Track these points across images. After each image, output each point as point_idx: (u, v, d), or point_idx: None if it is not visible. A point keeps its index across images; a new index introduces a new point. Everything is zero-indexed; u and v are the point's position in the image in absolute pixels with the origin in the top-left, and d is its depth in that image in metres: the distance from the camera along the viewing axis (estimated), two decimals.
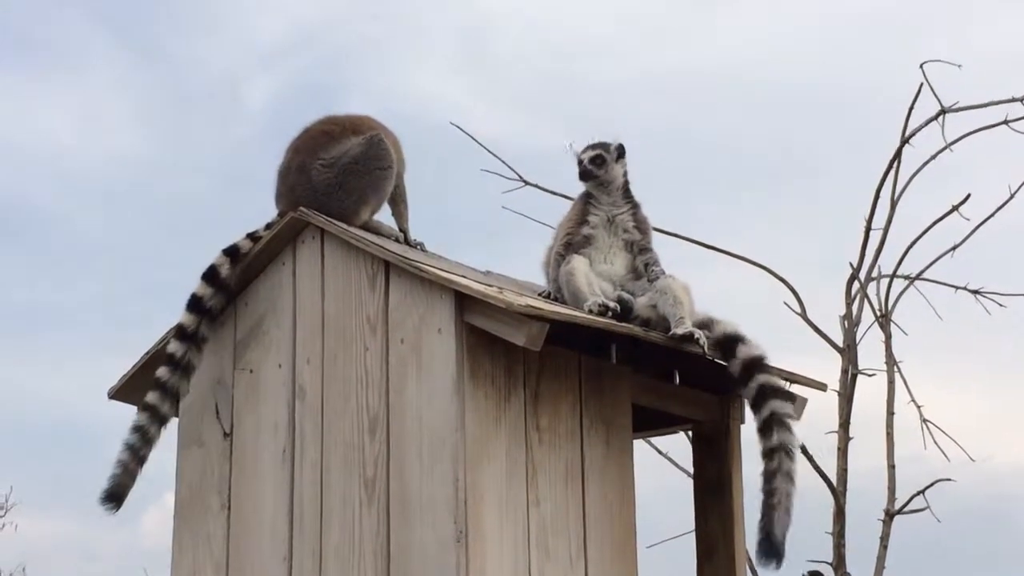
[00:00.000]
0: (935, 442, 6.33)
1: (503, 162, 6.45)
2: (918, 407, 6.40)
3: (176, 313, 4.07)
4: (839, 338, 6.48)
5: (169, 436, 4.20)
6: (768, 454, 3.87)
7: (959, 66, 6.18)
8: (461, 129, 6.32)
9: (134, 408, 4.26)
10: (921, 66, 6.23)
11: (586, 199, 4.33)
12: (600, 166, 4.28)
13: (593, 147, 4.32)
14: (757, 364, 3.94)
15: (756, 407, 3.93)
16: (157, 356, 4.15)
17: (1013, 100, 6.24)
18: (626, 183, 4.33)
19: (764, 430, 3.90)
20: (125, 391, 4.24)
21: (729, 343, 3.96)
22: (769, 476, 3.85)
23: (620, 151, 4.32)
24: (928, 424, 6.38)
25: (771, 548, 3.82)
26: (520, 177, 6.48)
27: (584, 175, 4.29)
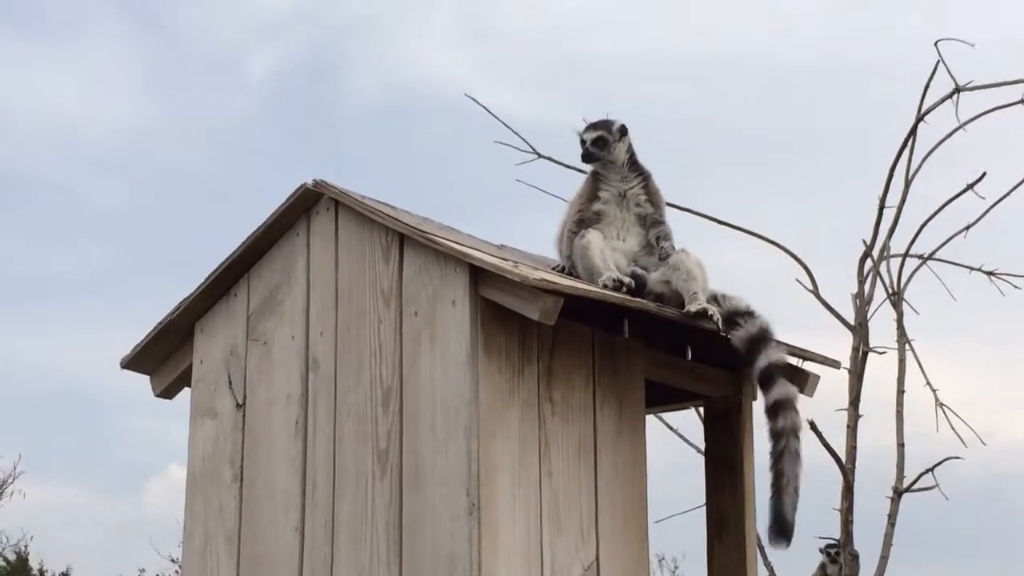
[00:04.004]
0: (950, 424, 6.33)
1: (516, 134, 6.43)
2: (934, 391, 6.40)
3: (184, 283, 4.07)
4: (851, 316, 6.47)
5: (181, 407, 4.22)
6: (775, 435, 3.90)
7: (973, 45, 6.15)
8: (475, 100, 6.29)
9: (146, 378, 4.28)
10: (936, 44, 6.19)
11: (596, 175, 4.32)
12: (603, 147, 4.27)
13: (595, 127, 4.29)
14: (763, 339, 3.94)
15: (764, 386, 3.95)
16: (170, 327, 4.16)
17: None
18: (632, 157, 4.30)
19: (771, 412, 3.93)
20: (138, 361, 4.25)
21: (736, 317, 3.97)
22: (777, 457, 3.88)
23: (622, 131, 4.29)
24: (943, 407, 6.37)
25: (782, 529, 3.85)
26: (533, 149, 6.46)
27: (587, 157, 4.28)
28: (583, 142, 4.28)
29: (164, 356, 4.25)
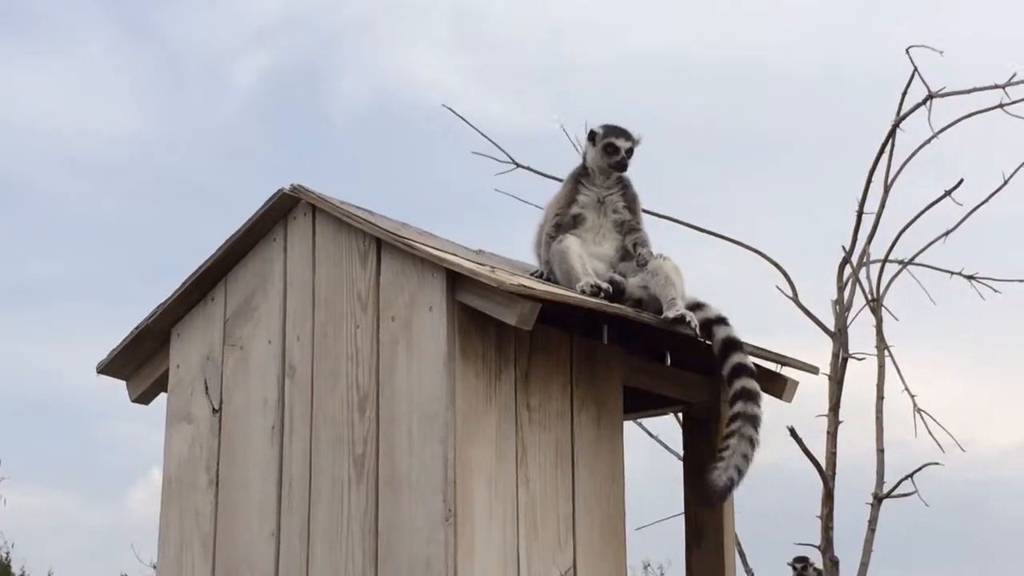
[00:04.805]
0: (928, 431, 6.34)
1: (495, 144, 6.43)
2: (912, 397, 6.40)
3: (163, 288, 4.06)
4: (830, 322, 6.48)
5: (158, 412, 4.20)
6: (730, 420, 3.94)
7: (941, 52, 6.16)
8: (453, 111, 6.29)
9: (123, 383, 4.26)
10: (907, 51, 6.21)
11: (576, 179, 4.31)
12: (630, 157, 4.28)
13: (627, 136, 4.27)
14: (732, 344, 3.97)
15: (730, 383, 4.01)
16: (146, 331, 4.14)
17: (996, 87, 6.23)
18: None
19: (732, 400, 3.98)
20: (114, 366, 4.23)
21: (710, 326, 3.99)
22: (727, 436, 3.92)
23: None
24: (922, 413, 6.38)
25: (709, 493, 3.89)
26: (512, 159, 6.46)
27: (622, 166, 4.25)
28: (617, 150, 4.25)
29: (140, 361, 4.24)
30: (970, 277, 6.42)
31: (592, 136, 4.32)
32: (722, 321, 4.04)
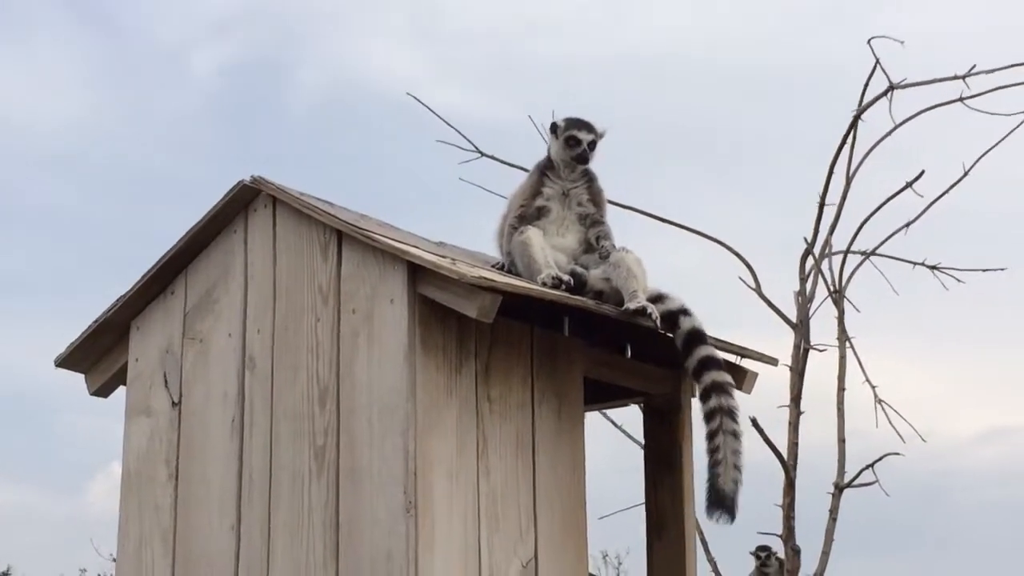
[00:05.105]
0: (889, 421, 6.36)
1: (460, 133, 6.39)
2: (873, 387, 6.42)
3: (122, 281, 4.03)
4: (793, 313, 6.49)
5: (117, 405, 4.17)
6: (708, 416, 3.96)
7: (903, 43, 6.17)
8: (417, 99, 6.24)
9: (81, 376, 4.23)
10: (869, 42, 6.22)
11: (542, 171, 4.31)
12: (593, 149, 4.28)
13: (589, 128, 4.29)
14: (698, 337, 3.98)
15: (697, 377, 4.01)
16: (105, 324, 4.11)
17: (956, 77, 6.24)
18: None
19: (705, 395, 3.98)
20: (73, 359, 4.20)
21: (673, 317, 4.00)
22: (711, 435, 3.93)
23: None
24: (882, 404, 6.40)
25: (720, 502, 3.88)
26: (476, 148, 6.42)
27: (583, 158, 4.26)
28: (579, 142, 4.25)
29: (99, 354, 4.21)
30: (933, 267, 6.43)
31: (554, 128, 4.32)
32: (685, 312, 4.04)
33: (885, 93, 6.27)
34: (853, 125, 6.35)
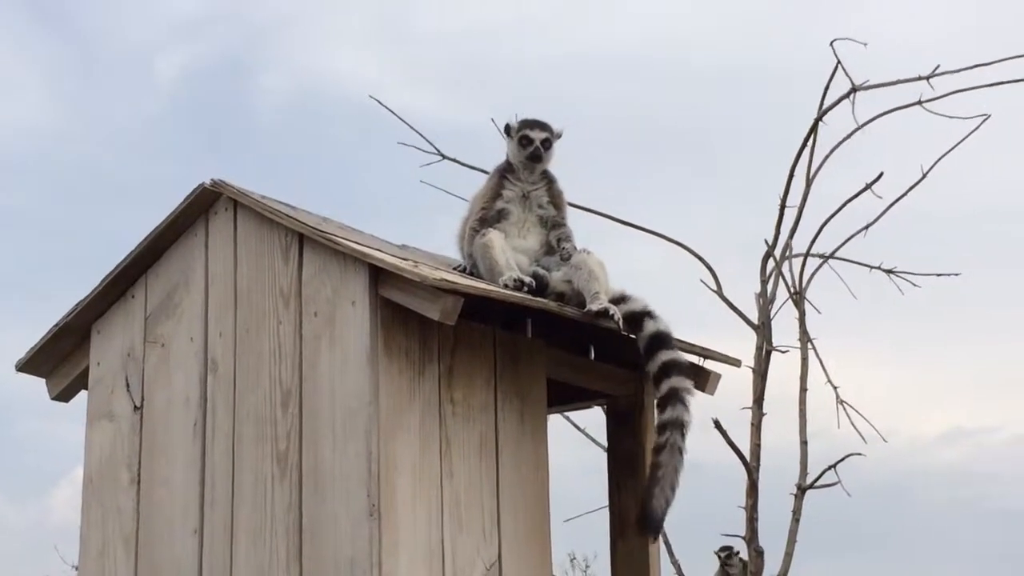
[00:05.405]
0: (851, 422, 6.39)
1: (421, 135, 6.39)
2: (835, 388, 6.44)
3: (83, 285, 4.01)
4: (755, 315, 6.52)
5: (79, 410, 4.15)
6: (661, 428, 3.93)
7: (865, 44, 6.20)
8: (379, 102, 6.23)
9: (42, 381, 4.20)
10: (831, 44, 6.25)
11: (502, 173, 4.32)
12: (547, 149, 4.28)
13: (541, 126, 4.29)
14: (662, 340, 3.97)
15: (657, 383, 3.98)
16: (66, 328, 4.09)
17: (920, 79, 6.27)
18: None
19: (661, 404, 3.96)
20: (33, 364, 4.18)
21: (637, 319, 3.99)
22: (658, 449, 3.90)
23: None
24: (844, 404, 6.43)
25: (649, 522, 3.89)
26: (438, 151, 6.42)
27: (536, 157, 4.26)
28: (531, 141, 4.26)
29: (60, 358, 4.19)
30: (889, 271, 6.47)
31: (508, 130, 4.34)
32: (649, 315, 4.03)
33: (848, 95, 6.31)
34: (814, 127, 6.38)
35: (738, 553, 9.08)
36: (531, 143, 4.26)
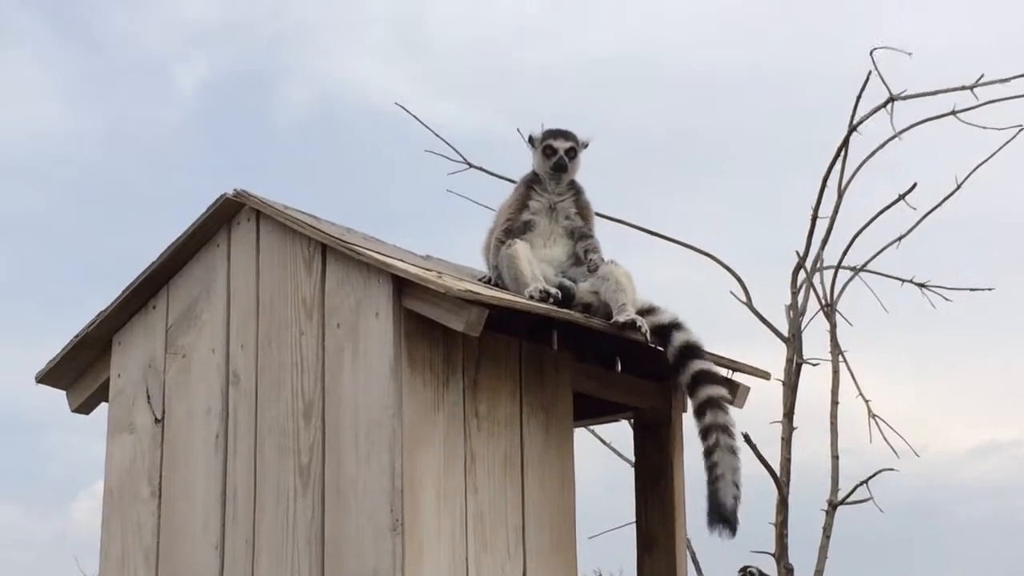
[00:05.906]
0: (883, 436, 6.31)
1: (448, 144, 6.35)
2: (866, 401, 6.37)
3: (105, 295, 3.97)
4: (785, 328, 6.45)
5: (99, 422, 4.11)
6: (704, 433, 3.91)
7: (909, 54, 6.13)
8: (405, 109, 6.20)
9: (62, 393, 4.17)
10: (871, 53, 6.18)
11: (528, 184, 4.27)
12: (572, 159, 4.24)
13: (565, 136, 4.25)
14: (692, 351, 3.93)
15: (692, 392, 3.96)
16: (86, 340, 4.05)
17: (963, 88, 6.20)
18: None
19: (699, 412, 3.94)
20: (54, 375, 4.14)
21: (666, 330, 3.94)
22: (709, 452, 3.88)
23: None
24: (876, 418, 6.35)
25: (721, 516, 3.82)
26: (464, 159, 6.38)
27: (560, 167, 4.21)
28: (555, 151, 4.21)
29: (80, 370, 4.15)
30: (921, 285, 6.40)
31: (532, 140, 4.30)
32: (678, 326, 3.99)
33: (885, 104, 6.24)
34: (847, 138, 6.31)
35: (759, 571, 8.97)
36: (555, 153, 4.21)
